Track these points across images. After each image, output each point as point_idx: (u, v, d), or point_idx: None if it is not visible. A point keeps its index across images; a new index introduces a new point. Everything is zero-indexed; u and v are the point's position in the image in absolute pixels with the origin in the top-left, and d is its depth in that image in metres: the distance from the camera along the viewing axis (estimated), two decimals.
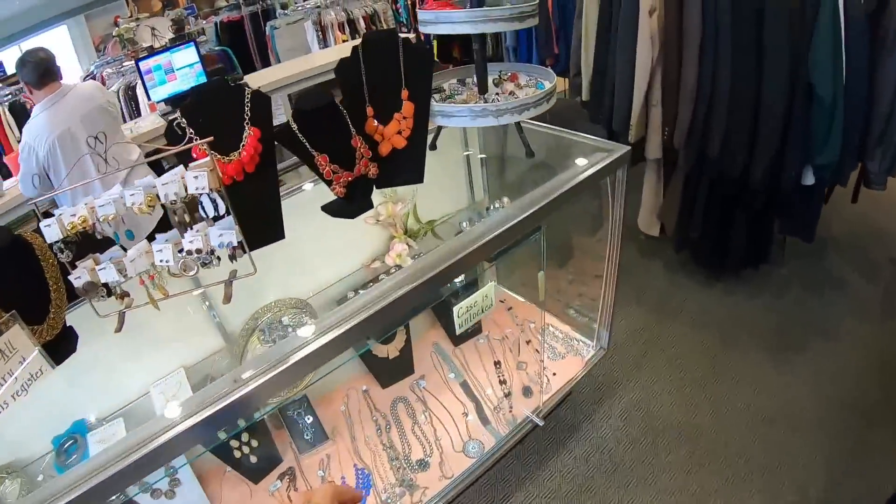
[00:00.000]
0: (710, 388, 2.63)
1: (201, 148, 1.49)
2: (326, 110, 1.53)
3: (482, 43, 1.79)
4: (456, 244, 1.52)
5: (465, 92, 1.90)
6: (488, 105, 1.64)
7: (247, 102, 1.50)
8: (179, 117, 1.50)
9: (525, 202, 1.64)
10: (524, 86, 1.87)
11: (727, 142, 2.59)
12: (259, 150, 1.52)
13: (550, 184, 1.69)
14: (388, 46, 1.67)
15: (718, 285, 3.20)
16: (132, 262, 1.48)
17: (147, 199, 1.37)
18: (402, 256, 2.09)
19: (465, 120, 1.67)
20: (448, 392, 2.38)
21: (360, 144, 1.59)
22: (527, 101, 1.65)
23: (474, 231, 1.55)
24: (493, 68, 1.96)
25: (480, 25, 1.65)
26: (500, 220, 1.58)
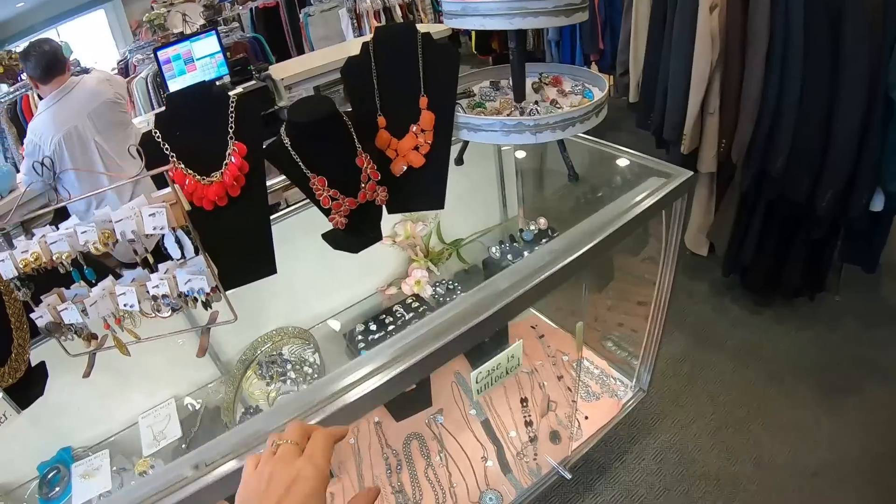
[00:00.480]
0: (752, 431, 2.30)
1: (177, 167, 1.20)
2: (327, 122, 1.22)
3: (520, 41, 1.45)
4: (493, 290, 1.20)
5: (499, 98, 1.56)
6: (525, 118, 1.31)
7: (231, 112, 1.19)
8: (153, 129, 1.21)
9: (573, 240, 1.31)
10: (569, 93, 1.52)
11: (792, 161, 2.21)
12: (245, 169, 1.22)
13: (600, 215, 1.36)
14: (405, 43, 1.35)
15: (767, 313, 2.83)
16: (94, 306, 1.21)
17: (102, 235, 1.09)
18: (420, 284, 1.78)
19: (496, 135, 1.34)
20: (467, 431, 2.07)
21: (367, 164, 1.28)
22: (571, 115, 1.32)
23: (518, 270, 1.24)
24: (532, 69, 1.62)
25: (517, 20, 1.31)
26: (543, 259, 1.26)
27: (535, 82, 1.58)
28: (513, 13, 1.31)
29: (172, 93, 1.21)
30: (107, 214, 1.07)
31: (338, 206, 1.23)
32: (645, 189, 1.45)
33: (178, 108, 1.19)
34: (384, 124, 1.36)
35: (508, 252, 1.78)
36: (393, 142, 1.36)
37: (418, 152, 1.35)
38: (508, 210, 2.18)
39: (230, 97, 1.20)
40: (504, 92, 1.60)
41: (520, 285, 1.21)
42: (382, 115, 1.36)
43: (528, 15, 1.30)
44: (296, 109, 1.23)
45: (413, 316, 1.72)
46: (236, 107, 1.20)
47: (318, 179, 1.22)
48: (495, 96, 1.57)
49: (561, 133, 1.31)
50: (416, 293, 1.79)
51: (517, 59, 1.46)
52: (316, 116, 1.20)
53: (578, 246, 1.27)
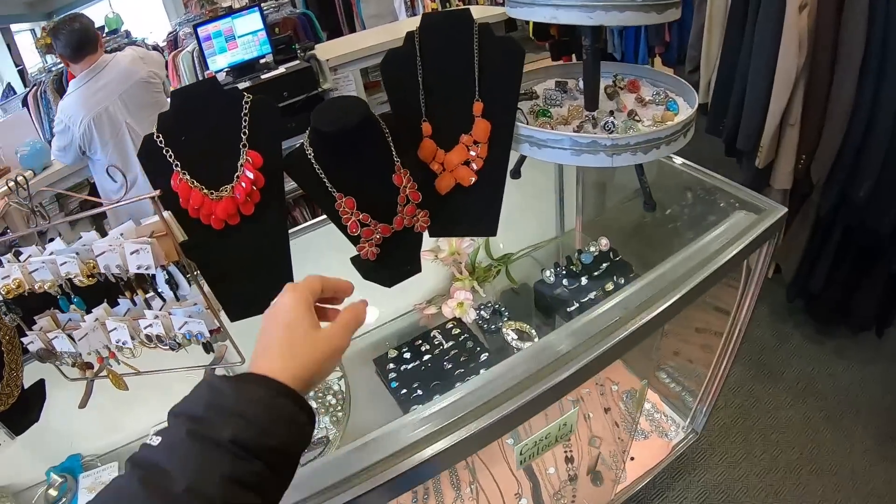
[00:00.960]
0: (803, 476, 2.05)
1: (182, 178, 0.97)
2: (358, 132, 0.97)
3: (596, 38, 1.18)
4: (560, 351, 0.97)
5: (566, 103, 1.29)
6: (600, 136, 1.04)
7: (244, 115, 0.96)
8: (156, 132, 0.99)
9: (654, 289, 1.06)
10: (648, 102, 1.25)
11: (880, 187, 1.88)
12: (260, 183, 0.99)
13: (684, 261, 1.09)
14: (459, 34, 1.08)
15: (829, 344, 2.52)
16: (84, 339, 1.01)
17: (85, 267, 0.88)
18: (463, 307, 1.54)
19: (563, 154, 1.07)
20: (503, 462, 1.84)
21: (407, 183, 1.03)
22: (657, 136, 1.04)
23: (585, 330, 1.00)
24: (604, 69, 1.33)
25: (599, 14, 1.04)
26: (618, 313, 1.02)
27: (608, 86, 1.31)
28: (593, 5, 1.03)
29: (178, 89, 0.98)
30: (91, 239, 0.86)
31: (368, 234, 1.00)
32: (734, 229, 1.18)
33: (184, 107, 0.97)
34: (429, 132, 1.11)
35: (563, 276, 1.52)
36: (439, 154, 1.11)
37: (469, 168, 1.10)
38: (566, 223, 1.90)
39: (244, 96, 0.96)
40: (572, 95, 1.33)
41: (592, 345, 0.97)
42: (428, 120, 1.11)
43: (611, 9, 1.03)
44: (322, 114, 0.98)
45: (452, 345, 1.49)
46: (251, 108, 0.96)
47: (347, 200, 0.99)
48: (562, 100, 1.30)
49: (643, 157, 1.05)
50: (457, 317, 1.55)
51: (591, 61, 1.19)
52: (345, 125, 0.95)
53: (662, 297, 1.02)
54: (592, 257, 1.55)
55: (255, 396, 0.55)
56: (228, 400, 0.54)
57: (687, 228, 1.40)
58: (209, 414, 0.53)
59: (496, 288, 1.71)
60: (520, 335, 1.48)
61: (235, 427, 0.52)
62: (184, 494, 0.48)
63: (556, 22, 1.10)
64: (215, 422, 0.52)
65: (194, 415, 0.53)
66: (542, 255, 1.81)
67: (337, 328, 0.67)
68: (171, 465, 0.50)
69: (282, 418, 0.56)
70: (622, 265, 1.54)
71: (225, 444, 0.51)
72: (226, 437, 0.51)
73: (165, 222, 0.84)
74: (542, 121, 1.17)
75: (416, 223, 1.06)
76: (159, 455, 0.51)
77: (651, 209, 1.20)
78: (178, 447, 0.51)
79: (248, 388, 0.56)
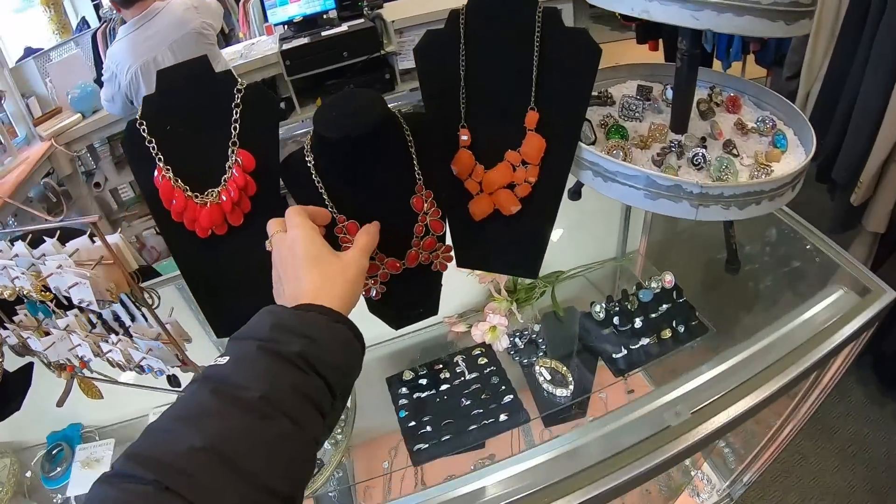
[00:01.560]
0: None
1: (165, 175, 0.80)
2: (370, 140, 0.75)
3: (696, 43, 0.92)
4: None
5: (648, 117, 1.04)
6: (685, 181, 0.78)
7: (235, 106, 0.77)
8: (139, 118, 0.81)
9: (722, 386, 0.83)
10: (750, 130, 0.97)
11: None
12: (251, 189, 0.80)
13: (769, 345, 0.85)
14: (517, 21, 0.83)
15: (890, 407, 2.25)
16: (52, 348, 0.88)
17: (37, 283, 0.73)
18: (496, 333, 1.32)
19: (634, 194, 0.82)
20: None
21: (429, 207, 0.81)
22: (758, 189, 0.78)
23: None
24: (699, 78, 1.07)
25: (708, 15, 0.77)
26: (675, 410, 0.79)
27: (702, 100, 1.04)
28: (702, 2, 0.78)
29: (165, 69, 0.79)
30: (49, 252, 0.70)
31: (372, 269, 0.79)
32: (833, 312, 0.92)
33: (170, 92, 0.78)
34: (468, 142, 0.89)
35: (615, 313, 1.29)
36: (478, 170, 0.89)
37: (513, 193, 0.88)
38: (629, 243, 1.63)
39: (236, 83, 0.77)
40: (656, 107, 1.07)
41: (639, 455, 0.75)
42: (467, 127, 0.89)
43: (726, 9, 0.76)
44: (326, 113, 0.75)
45: (475, 377, 1.28)
46: (244, 99, 0.76)
47: (349, 225, 0.77)
48: (643, 112, 1.04)
49: (737, 212, 0.79)
50: (486, 343, 1.35)
51: (686, 70, 0.92)
52: (354, 131, 0.73)
53: (735, 399, 0.79)
54: (652, 295, 1.31)
55: (316, 321, 0.58)
56: (293, 322, 0.56)
57: (769, 286, 1.14)
58: (275, 334, 0.54)
59: (538, 308, 1.49)
60: (553, 377, 1.27)
61: (302, 344, 0.54)
62: (258, 401, 0.49)
63: (649, 18, 0.83)
64: (282, 339, 0.54)
65: (261, 335, 0.55)
66: (597, 277, 1.56)
67: (357, 252, 0.69)
68: (243, 377, 0.51)
69: (340, 341, 0.58)
70: (685, 309, 1.29)
71: (293, 358, 0.53)
72: (294, 352, 0.53)
73: (111, 251, 0.67)
74: (614, 142, 0.92)
75: (434, 260, 0.84)
76: (228, 369, 0.52)
77: (734, 272, 0.95)
78: (247, 361, 0.53)
79: (309, 315, 0.58)
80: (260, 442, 0.48)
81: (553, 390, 1.24)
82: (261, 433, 0.48)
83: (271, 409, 0.49)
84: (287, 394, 0.51)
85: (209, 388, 0.50)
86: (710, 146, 0.91)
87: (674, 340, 1.25)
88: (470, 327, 1.39)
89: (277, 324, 0.56)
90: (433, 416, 1.22)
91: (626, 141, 0.95)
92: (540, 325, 1.41)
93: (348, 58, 3.29)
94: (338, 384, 0.56)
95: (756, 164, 0.86)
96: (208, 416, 0.48)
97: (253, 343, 0.54)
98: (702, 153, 0.86)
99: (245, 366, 0.52)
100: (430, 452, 1.20)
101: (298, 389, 0.52)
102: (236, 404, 0.49)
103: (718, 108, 1.04)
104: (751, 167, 0.87)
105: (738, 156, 0.90)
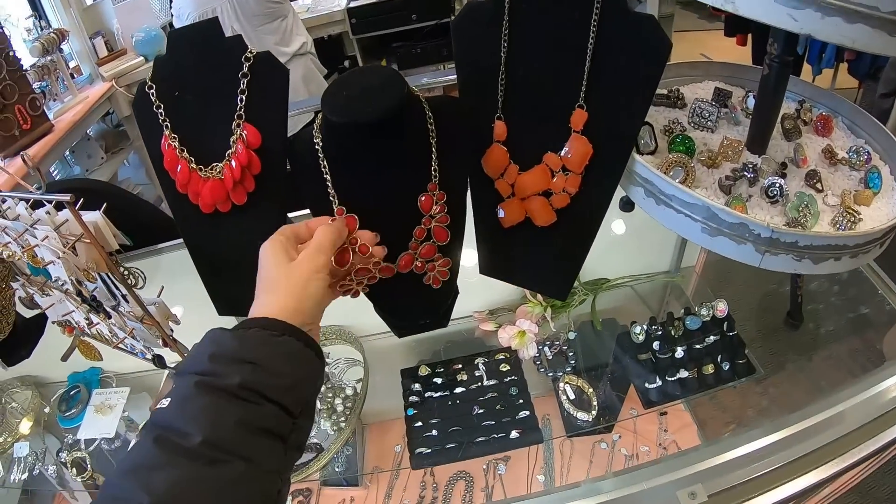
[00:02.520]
0: None
1: (171, 144, 0.74)
2: (383, 127, 0.66)
3: (790, 48, 0.77)
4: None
5: (721, 129, 0.90)
6: (752, 220, 0.66)
7: (242, 75, 0.69)
8: (149, 80, 0.75)
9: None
10: (840, 161, 0.82)
11: None
12: (256, 168, 0.73)
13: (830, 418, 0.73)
14: (572, 5, 0.73)
15: None
16: (52, 308, 0.85)
17: (27, 251, 0.68)
18: (523, 339, 1.22)
19: (691, 226, 0.69)
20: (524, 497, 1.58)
21: (438, 210, 0.72)
22: (840, 244, 0.65)
23: None
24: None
25: (810, 17, 0.63)
26: None
27: (788, 116, 0.89)
28: (804, 2, 0.64)
29: (176, 30, 0.72)
30: (41, 217, 0.66)
31: (361, 272, 0.71)
32: None
33: (179, 55, 0.71)
34: (502, 136, 0.78)
35: (656, 338, 1.17)
36: (511, 171, 0.78)
37: (548, 203, 0.77)
38: (685, 257, 1.48)
39: (245, 49, 0.68)
40: (734, 118, 0.92)
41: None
42: (503, 118, 0.78)
43: (833, 12, 0.62)
44: (336, 93, 0.67)
45: (494, 385, 1.20)
46: (252, 67, 0.68)
47: (348, 218, 0.69)
48: (717, 122, 0.90)
49: (809, 266, 0.66)
50: (512, 348, 1.25)
51: (775, 79, 0.78)
52: (362, 116, 0.64)
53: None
54: (701, 323, 1.18)
55: (257, 340, 0.54)
56: (231, 348, 0.52)
57: (835, 341, 1.00)
58: (214, 365, 0.51)
59: (574, 316, 1.38)
60: (578, 397, 1.17)
61: (243, 372, 0.50)
62: (200, 447, 0.46)
63: (735, 11, 0.70)
64: (221, 371, 0.50)
65: (199, 369, 0.51)
66: (644, 290, 1.42)
67: (308, 251, 0.63)
68: (183, 421, 0.48)
69: (287, 356, 0.54)
70: (733, 345, 1.15)
71: (234, 390, 0.49)
72: (234, 383, 0.49)
73: (88, 231, 0.61)
74: (677, 156, 0.79)
75: (429, 273, 0.74)
76: (170, 413, 0.49)
77: (795, 327, 0.82)
78: (187, 402, 0.49)
79: (249, 334, 0.54)
80: (210, 492, 0.45)
81: (574, 413, 1.15)
82: (211, 482, 0.45)
83: (218, 452, 0.46)
84: (233, 432, 0.47)
85: (153, 436, 0.47)
86: (791, 174, 0.77)
87: (715, 377, 1.12)
88: (499, 328, 1.30)
89: (216, 353, 0.52)
90: (441, 419, 1.15)
91: (692, 156, 0.82)
92: (574, 336, 1.30)
93: (416, 21, 3.19)
94: (295, 403, 0.52)
95: (842, 207, 0.72)
96: (155, 470, 0.45)
97: (192, 378, 0.50)
98: (780, 184, 0.72)
99: (185, 407, 0.48)
100: (431, 459, 1.14)
101: (246, 424, 0.48)
102: (180, 453, 0.46)
103: (806, 127, 0.89)
104: (835, 209, 0.73)
105: (822, 191, 0.76)
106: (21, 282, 0.94)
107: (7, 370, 1.37)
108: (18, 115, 2.30)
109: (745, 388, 1.16)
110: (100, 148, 2.92)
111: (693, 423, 1.41)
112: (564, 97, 0.74)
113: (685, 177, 0.77)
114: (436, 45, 3.35)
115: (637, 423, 1.44)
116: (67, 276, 0.62)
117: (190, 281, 0.98)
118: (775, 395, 1.21)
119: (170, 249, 1.47)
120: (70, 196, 0.57)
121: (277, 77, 0.71)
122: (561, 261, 0.80)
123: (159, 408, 0.50)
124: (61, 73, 2.59)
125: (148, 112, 0.74)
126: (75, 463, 1.30)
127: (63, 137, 2.45)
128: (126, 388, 1.52)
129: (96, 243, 0.62)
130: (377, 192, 0.70)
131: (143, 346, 0.77)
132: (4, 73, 2.22)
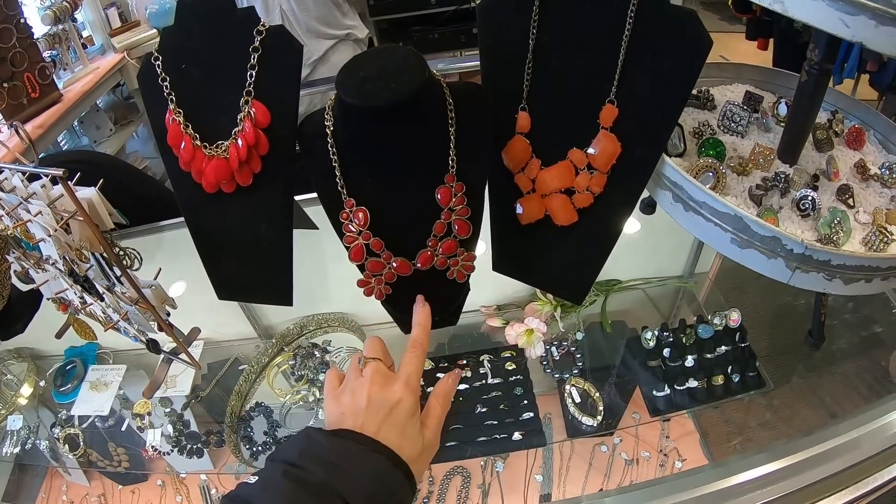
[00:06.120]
0: None
1: (175, 119, 0.70)
2: (401, 112, 0.62)
3: (831, 55, 0.73)
4: None
5: (752, 135, 0.86)
6: (786, 235, 0.62)
7: (252, 49, 0.65)
8: (156, 51, 0.71)
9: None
10: (872, 176, 0.79)
11: None
12: (263, 148, 0.69)
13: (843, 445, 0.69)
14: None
15: None
16: (46, 285, 0.82)
17: (18, 226, 0.64)
18: (531, 338, 1.19)
19: (720, 236, 0.65)
20: (521, 497, 1.55)
21: (457, 203, 0.67)
22: (873, 265, 0.61)
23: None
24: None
25: (864, 24, 0.58)
26: None
27: (820, 126, 0.85)
28: (860, 3, 0.59)
29: (184, 0, 0.68)
30: (36, 190, 0.62)
31: (376, 267, 0.67)
32: None
33: (190, 24, 0.67)
34: (526, 128, 0.74)
35: (667, 345, 1.14)
36: (533, 165, 0.74)
37: (570, 202, 0.74)
38: (699, 262, 1.44)
39: (257, 22, 0.64)
40: (765, 123, 0.88)
41: None
42: (528, 109, 0.74)
43: (890, 22, 0.58)
44: (351, 73, 0.62)
45: (498, 384, 1.16)
46: (263, 42, 0.64)
47: (359, 211, 0.66)
48: (748, 127, 0.86)
49: (840, 286, 0.62)
50: (518, 346, 1.22)
51: (812, 87, 0.74)
52: (378, 100, 0.59)
53: None
54: (712, 332, 1.14)
55: (348, 447, 0.56)
56: (321, 447, 0.55)
57: (852, 362, 0.96)
58: (303, 460, 0.54)
59: (583, 316, 1.34)
60: (583, 400, 1.14)
61: (327, 471, 0.52)
62: None
63: (783, 13, 0.66)
64: (308, 467, 0.53)
65: (290, 460, 0.54)
66: (656, 294, 1.38)
67: (433, 427, 0.66)
68: (262, 501, 0.51)
69: (374, 470, 0.55)
70: (745, 356, 1.12)
71: (316, 485, 0.51)
72: (316, 480, 0.52)
73: (81, 208, 0.57)
74: (707, 160, 0.75)
75: (452, 266, 0.70)
76: (253, 490, 0.52)
77: (816, 346, 0.78)
78: (271, 485, 0.52)
79: (342, 441, 0.57)
80: None
81: (579, 416, 1.11)
82: None
83: None
84: None
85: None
86: (822, 188, 0.73)
87: (725, 389, 1.09)
88: (506, 324, 1.26)
89: (307, 449, 0.55)
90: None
91: (722, 161, 0.78)
92: (582, 337, 1.27)
93: (436, 5, 3.13)
94: None
95: (874, 226, 0.68)
96: None
97: (280, 466, 0.53)
98: (812, 197, 0.68)
99: (267, 490, 0.52)
100: None
101: None
102: None
103: (837, 138, 0.85)
104: (866, 227, 0.69)
105: (853, 207, 0.72)
106: (17, 254, 0.91)
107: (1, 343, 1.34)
108: (27, 84, 2.25)
109: (750, 400, 1.14)
110: (109, 119, 2.88)
111: (696, 431, 1.38)
112: (594, 91, 0.70)
113: (715, 183, 0.73)
114: (454, 31, 3.30)
115: (639, 428, 1.41)
116: (58, 254, 0.58)
117: (192, 261, 0.95)
118: (779, 408, 1.18)
119: (172, 227, 1.43)
120: (63, 171, 0.53)
121: (291, 53, 0.66)
122: (579, 264, 0.76)
123: (245, 482, 0.53)
124: (73, 43, 2.55)
125: (153, 84, 0.70)
126: (68, 439, 1.27)
127: (72, 107, 2.41)
128: (122, 366, 1.48)
129: (90, 221, 0.58)
130: (389, 182, 0.66)
131: (137, 329, 0.73)
132: (14, 40, 2.17)
